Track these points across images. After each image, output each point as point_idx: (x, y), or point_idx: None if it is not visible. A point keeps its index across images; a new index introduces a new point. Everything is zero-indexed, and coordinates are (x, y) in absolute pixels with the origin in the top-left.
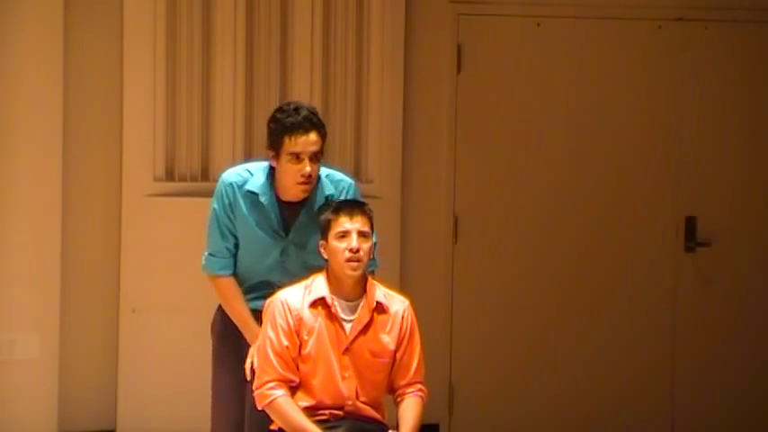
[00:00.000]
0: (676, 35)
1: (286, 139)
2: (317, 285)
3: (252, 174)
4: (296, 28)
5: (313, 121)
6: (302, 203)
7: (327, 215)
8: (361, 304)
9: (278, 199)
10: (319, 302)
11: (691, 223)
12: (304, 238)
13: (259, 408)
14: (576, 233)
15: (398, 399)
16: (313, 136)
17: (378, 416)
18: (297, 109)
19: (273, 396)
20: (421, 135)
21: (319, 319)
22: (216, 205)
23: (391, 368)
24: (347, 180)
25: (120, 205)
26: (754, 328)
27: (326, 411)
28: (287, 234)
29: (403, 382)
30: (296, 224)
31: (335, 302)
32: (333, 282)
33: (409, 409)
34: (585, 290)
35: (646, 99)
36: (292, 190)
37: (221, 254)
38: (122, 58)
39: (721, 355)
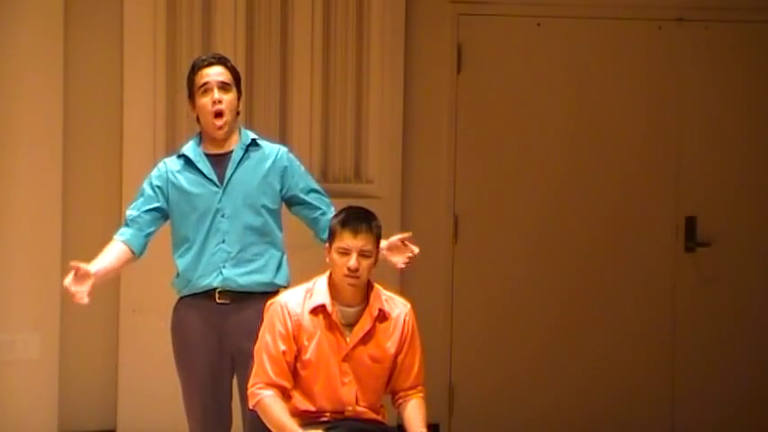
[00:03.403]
0: (676, 35)
1: (195, 77)
2: (319, 290)
3: (181, 148)
4: (296, 28)
5: (218, 57)
6: (228, 155)
7: (335, 223)
8: (363, 311)
9: (207, 154)
10: (320, 309)
11: (691, 223)
12: (239, 187)
13: (250, 407)
14: (576, 233)
15: (400, 401)
16: (218, 68)
17: (378, 417)
18: (206, 54)
19: (260, 396)
20: (421, 135)
21: (319, 325)
22: (146, 184)
23: (391, 372)
24: (277, 144)
25: (120, 205)
26: (754, 329)
27: (328, 414)
28: (221, 183)
29: (405, 386)
30: (228, 171)
31: (336, 309)
32: (333, 288)
33: (415, 408)
34: (585, 290)
35: (646, 99)
36: (210, 125)
37: (126, 222)
38: (122, 58)
39: (721, 355)
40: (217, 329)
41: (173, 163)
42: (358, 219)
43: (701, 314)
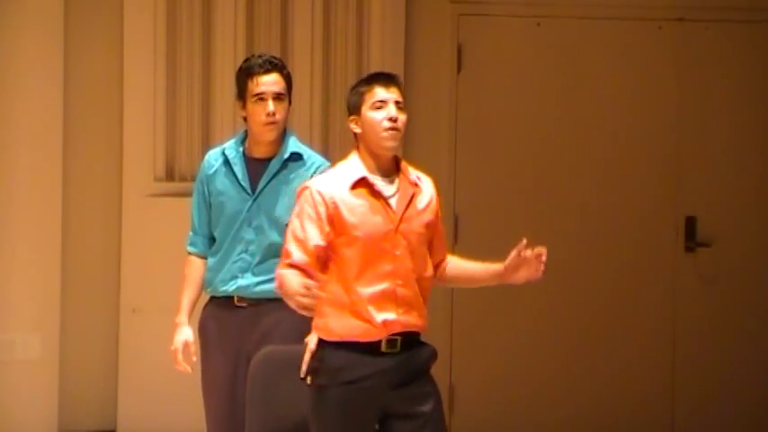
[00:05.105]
0: (677, 35)
1: (249, 82)
2: (353, 166)
3: (228, 142)
4: (296, 28)
5: (274, 63)
6: (269, 160)
7: (359, 88)
8: (399, 178)
9: (247, 157)
10: (360, 183)
11: (691, 223)
12: (270, 200)
13: (274, 289)
14: (576, 233)
15: (441, 265)
16: (274, 76)
17: (422, 325)
18: (260, 56)
19: (280, 273)
20: (421, 135)
21: (362, 198)
22: (197, 181)
23: (431, 239)
24: (320, 158)
25: (120, 205)
26: (754, 328)
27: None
28: (253, 192)
29: (441, 255)
30: (262, 181)
31: (375, 180)
32: (367, 159)
33: (461, 260)
34: (585, 289)
35: (646, 99)
36: (259, 132)
37: (193, 229)
38: (122, 59)
39: (721, 355)
40: (235, 336)
41: (215, 158)
42: (384, 75)
43: (701, 314)
